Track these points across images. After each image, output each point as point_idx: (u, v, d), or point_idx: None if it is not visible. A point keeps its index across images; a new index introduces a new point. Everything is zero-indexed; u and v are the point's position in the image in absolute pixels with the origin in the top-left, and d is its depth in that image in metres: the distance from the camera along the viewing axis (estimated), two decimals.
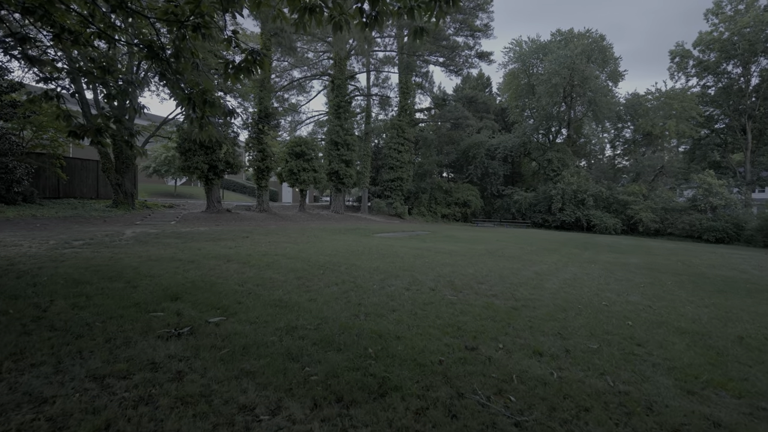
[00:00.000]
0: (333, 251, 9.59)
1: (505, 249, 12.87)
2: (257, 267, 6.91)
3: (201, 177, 19.21)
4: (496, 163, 36.79)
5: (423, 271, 7.69)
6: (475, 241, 15.23)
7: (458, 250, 11.53)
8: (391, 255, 9.53)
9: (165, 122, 19.32)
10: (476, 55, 31.90)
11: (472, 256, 10.41)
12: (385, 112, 37.87)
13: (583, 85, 31.01)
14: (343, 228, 17.52)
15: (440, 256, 10.08)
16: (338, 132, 26.01)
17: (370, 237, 14.37)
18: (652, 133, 32.09)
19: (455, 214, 35.23)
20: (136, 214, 17.09)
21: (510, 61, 38.84)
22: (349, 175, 26.88)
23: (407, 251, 10.50)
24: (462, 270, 8.11)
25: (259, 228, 14.97)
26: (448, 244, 13.16)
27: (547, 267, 9.45)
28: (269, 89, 21.38)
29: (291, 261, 7.72)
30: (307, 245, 10.50)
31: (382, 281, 6.49)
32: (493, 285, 6.83)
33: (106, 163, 18.33)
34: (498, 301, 5.70)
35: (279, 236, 12.39)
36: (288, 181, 23.85)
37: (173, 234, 11.23)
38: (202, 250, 8.39)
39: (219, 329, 3.78)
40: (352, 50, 27.05)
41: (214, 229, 13.64)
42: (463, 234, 18.52)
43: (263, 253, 8.58)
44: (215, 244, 9.62)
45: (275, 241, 10.92)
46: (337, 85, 26.42)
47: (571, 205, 31.69)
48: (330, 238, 12.64)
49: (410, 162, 32.40)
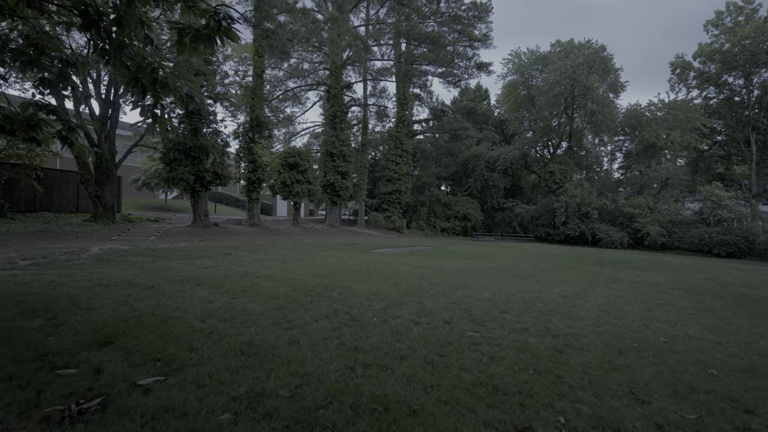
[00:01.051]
0: (326, 271, 8.34)
1: (517, 266, 11.67)
2: (230, 293, 5.66)
3: (187, 189, 17.99)
4: (496, 176, 35.85)
5: (432, 295, 6.47)
6: (482, 257, 14.02)
7: (467, 268, 10.31)
8: (392, 275, 8.29)
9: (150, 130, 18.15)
10: (475, 66, 31.23)
11: (483, 276, 9.19)
12: (383, 123, 37.07)
13: (584, 95, 30.33)
14: (339, 243, 16.29)
15: (448, 275, 8.85)
16: (334, 142, 24.98)
17: (367, 253, 13.13)
18: (656, 145, 31.34)
19: (455, 228, 34.08)
20: (114, 229, 15.80)
21: (509, 72, 38.32)
22: (345, 188, 25.74)
23: (410, 270, 9.27)
24: (477, 293, 6.89)
25: (247, 244, 13.71)
26: (454, 261, 11.94)
27: (572, 288, 8.24)
28: (261, 97, 20.37)
29: (274, 285, 6.47)
30: (296, 264, 9.25)
31: (383, 311, 5.25)
32: (519, 314, 5.60)
33: (85, 173, 17.13)
34: (532, 339, 4.48)
35: (266, 253, 11.14)
36: (281, 193, 22.67)
37: (146, 251, 9.96)
38: (170, 272, 7.13)
39: (147, 400, 2.53)
40: (349, 59, 26.24)
41: (196, 246, 12.38)
42: (468, 249, 17.32)
43: (243, 274, 7.33)
44: (189, 263, 8.36)
45: (260, 259, 9.66)
46: (333, 94, 25.52)
47: (575, 219, 30.64)
48: (323, 255, 11.40)
49: (408, 174, 31.38)
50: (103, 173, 17.34)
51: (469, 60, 30.73)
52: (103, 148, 17.07)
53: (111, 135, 17.66)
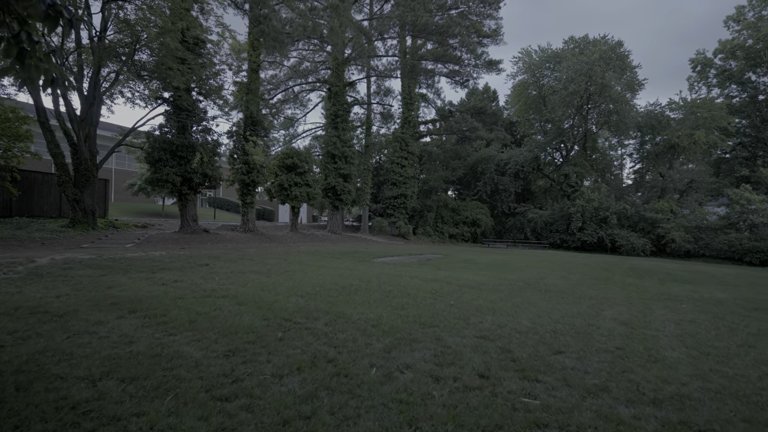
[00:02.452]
0: (315, 287, 6.68)
1: (545, 279, 9.92)
2: (170, 326, 4.01)
3: (173, 192, 16.49)
4: (506, 179, 34.09)
5: (452, 324, 4.77)
6: (500, 267, 12.28)
7: (487, 282, 8.59)
8: (398, 293, 6.61)
9: (134, 130, 16.72)
10: (484, 64, 29.65)
11: (510, 293, 7.47)
12: (387, 125, 35.55)
13: (600, 94, 28.59)
14: (338, 251, 14.62)
15: (468, 293, 7.15)
16: (335, 143, 23.44)
17: (369, 263, 11.46)
18: (678, 146, 29.45)
19: (464, 234, 32.30)
20: (90, 236, 14.28)
21: (518, 72, 36.70)
22: (348, 191, 24.14)
23: (420, 286, 7.57)
24: (511, 320, 5.18)
25: (233, 252, 12.10)
26: (471, 273, 10.22)
27: (626, 310, 6.50)
28: (256, 93, 18.90)
29: (239, 310, 4.81)
30: (281, 277, 7.59)
31: (386, 354, 3.58)
32: (580, 356, 3.90)
33: (63, 175, 15.71)
34: (625, 410, 2.78)
35: (251, 264, 9.50)
36: (278, 197, 21.12)
37: (104, 262, 8.36)
38: (110, 290, 5.50)
39: None
40: (351, 56, 24.78)
41: (173, 255, 10.79)
42: (482, 258, 15.56)
43: (206, 293, 5.68)
44: (146, 278, 6.73)
45: (239, 272, 8.02)
46: (335, 92, 24.04)
47: (593, 224, 28.74)
48: (317, 266, 9.74)
49: (414, 177, 29.74)
50: (83, 175, 15.88)
51: (477, 57, 29.18)
52: (82, 147, 15.62)
53: (91, 134, 16.22)
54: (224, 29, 18.05)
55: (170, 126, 16.44)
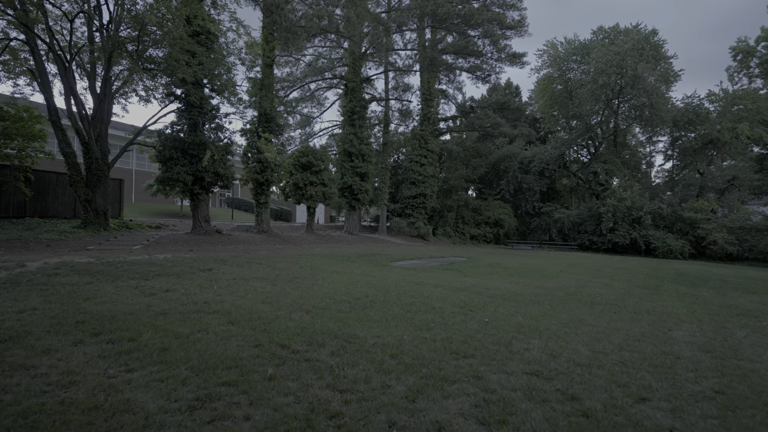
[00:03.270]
0: (324, 299, 5.78)
1: (586, 287, 8.76)
2: (134, 356, 3.16)
3: (185, 191, 15.94)
4: (531, 178, 32.57)
5: (492, 354, 3.77)
6: (532, 272, 11.13)
7: (522, 292, 7.52)
8: (421, 306, 5.65)
9: (145, 128, 16.27)
10: (507, 58, 28.32)
11: (552, 305, 6.39)
12: (406, 123, 34.56)
13: (633, 86, 26.82)
14: (354, 254, 13.73)
15: (503, 305, 6.12)
16: (352, 140, 22.60)
17: (387, 268, 10.51)
18: (719, 140, 27.38)
19: (486, 235, 30.98)
20: (100, 237, 13.83)
21: (543, 65, 35.05)
22: (365, 191, 23.26)
23: (445, 297, 6.58)
24: (565, 348, 4.14)
25: (242, 255, 11.35)
26: (501, 280, 9.15)
27: (698, 330, 5.34)
28: (270, 88, 18.23)
29: (228, 331, 3.94)
30: (289, 285, 6.73)
31: (410, 405, 2.62)
32: (675, 408, 2.85)
33: (74, 175, 15.34)
34: None
35: (258, 269, 8.69)
36: (293, 196, 20.44)
37: (102, 266, 7.69)
38: (86, 303, 4.73)
39: None
40: (369, 50, 23.90)
41: (178, 258, 10.10)
42: (510, 261, 14.39)
43: (194, 308, 4.84)
44: (136, 285, 5.97)
45: (243, 278, 7.21)
46: (351, 88, 23.21)
47: (625, 225, 27.00)
48: (330, 271, 8.86)
49: (434, 176, 28.61)
50: (94, 174, 15.50)
51: (500, 50, 27.86)
52: (93, 146, 15.24)
53: (103, 132, 15.84)
54: (238, 24, 17.49)
55: (182, 123, 15.92)
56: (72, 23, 13.64)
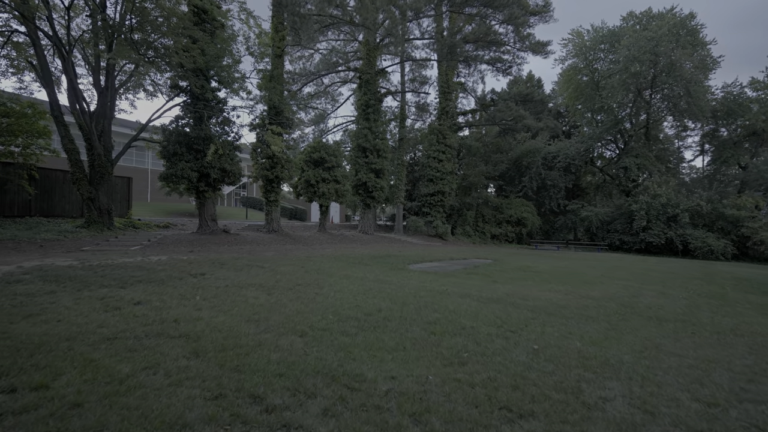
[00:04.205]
0: (327, 315, 4.67)
1: (640, 298, 7.40)
2: (33, 413, 2.10)
3: (190, 189, 15.13)
4: (555, 174, 30.85)
5: (560, 411, 2.58)
6: (569, 277, 9.78)
7: (567, 304, 6.25)
8: (447, 326, 4.48)
9: (150, 122, 15.52)
10: (530, 47, 26.74)
11: (609, 322, 5.12)
12: (422, 119, 33.29)
13: (669, 73, 24.89)
14: (368, 255, 12.61)
15: (549, 324, 4.88)
16: (366, 135, 21.49)
17: (404, 272, 9.35)
18: (765, 131, 25.20)
19: (507, 235, 29.45)
20: (101, 237, 13.11)
21: (568, 55, 33.21)
22: (380, 188, 22.13)
23: (476, 311, 5.38)
24: (659, 396, 2.91)
25: (245, 257, 10.37)
26: (537, 287, 7.87)
27: None
28: (280, 80, 17.27)
29: (186, 371, 2.86)
30: (287, 296, 5.65)
31: None
32: None
33: (77, 172, 14.69)
34: None
35: (258, 273, 7.66)
36: (305, 194, 19.47)
37: (79, 271, 6.78)
38: (28, 320, 3.74)
39: None
40: (384, 41, 22.75)
41: (174, 260, 9.18)
42: (540, 264, 13.01)
43: (156, 330, 3.78)
44: (102, 297, 4.97)
45: (237, 285, 6.17)
46: (366, 80, 22.10)
47: (660, 223, 25.11)
48: (339, 276, 7.75)
49: (453, 173, 27.24)
50: (98, 171, 14.83)
51: (523, 39, 26.32)
52: (95, 142, 14.56)
53: (106, 128, 15.16)
54: (248, 15, 16.62)
55: (187, 117, 15.12)
56: (69, 9, 12.93)
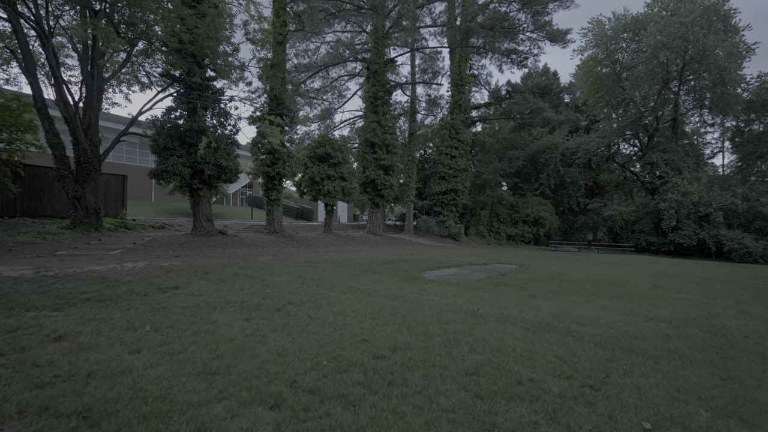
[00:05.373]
0: (320, 362, 3.27)
1: (722, 319, 5.86)
2: None
3: (183, 186, 13.87)
4: (574, 171, 29.12)
5: None
6: (613, 288, 8.24)
7: (641, 333, 4.74)
8: (498, 380, 3.04)
9: (141, 114, 14.26)
10: (548, 36, 25.09)
11: (716, 366, 3.63)
12: (434, 114, 31.78)
13: (701, 61, 23.05)
14: (377, 260, 11.19)
15: (635, 365, 3.40)
16: (375, 129, 20.07)
17: (419, 282, 7.91)
18: None
19: (524, 235, 27.81)
20: (84, 239, 11.90)
21: (587, 45, 31.37)
22: (389, 186, 20.71)
23: (529, 348, 3.92)
24: None
25: (236, 263, 9.02)
26: (586, 305, 6.37)
27: None
28: (282, 69, 15.94)
29: None
30: (270, 322, 4.26)
31: None
32: None
33: (61, 168, 13.51)
34: None
35: (244, 285, 6.30)
36: (309, 192, 18.15)
37: (26, 284, 5.49)
38: None
39: None
40: (393, 27, 21.30)
41: (153, 267, 7.87)
42: (572, 270, 11.43)
43: (48, 396, 2.42)
44: (21, 328, 3.63)
45: (211, 306, 4.80)
46: (374, 71, 20.69)
47: (691, 223, 23.28)
48: (342, 290, 6.35)
49: (466, 170, 25.70)
50: (84, 168, 13.64)
51: (541, 27, 24.70)
52: (80, 136, 13.36)
53: (93, 121, 13.97)
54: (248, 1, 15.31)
55: (180, 108, 13.87)
56: None
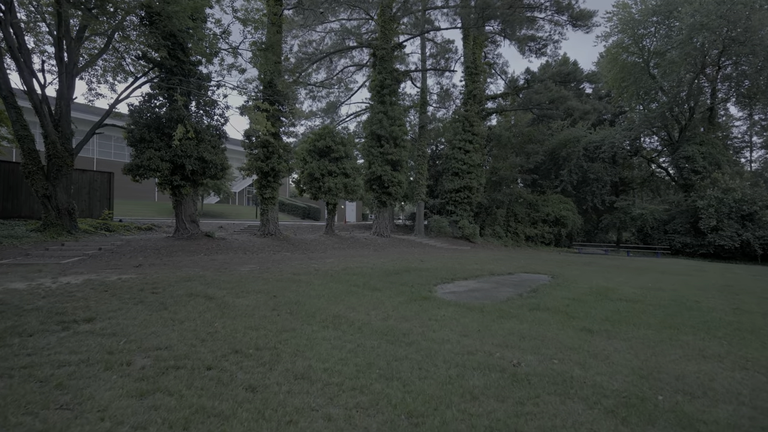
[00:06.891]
0: None
1: None
2: None
3: (164, 183, 12.31)
4: (599, 166, 26.91)
5: None
6: (687, 310, 6.31)
7: None
8: None
9: (118, 102, 12.73)
10: (571, 18, 23.00)
11: None
12: (445, 107, 29.85)
13: (745, 43, 20.69)
14: (380, 269, 9.42)
15: None
16: (381, 121, 18.29)
17: (430, 304, 6.10)
18: None
19: (544, 236, 25.73)
20: (46, 244, 10.39)
21: (613, 31, 29.07)
22: (397, 183, 18.92)
23: None
24: None
25: (206, 275, 7.34)
26: (679, 350, 4.48)
27: None
28: (277, 53, 14.29)
29: None
30: (161, 410, 2.52)
31: None
32: None
33: (29, 164, 12.02)
34: None
35: (189, 316, 4.61)
36: (308, 190, 16.49)
37: None
38: None
39: None
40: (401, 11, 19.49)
41: (96, 282, 6.25)
42: (621, 283, 9.44)
43: None
44: None
45: (109, 362, 3.12)
46: (381, 57, 18.90)
47: (733, 223, 20.98)
48: (323, 321, 4.61)
49: (480, 166, 23.74)
50: (55, 164, 12.16)
51: (562, 10, 22.62)
52: (48, 127, 11.88)
53: (64, 111, 12.47)
54: None
55: (160, 96, 12.32)
56: None
